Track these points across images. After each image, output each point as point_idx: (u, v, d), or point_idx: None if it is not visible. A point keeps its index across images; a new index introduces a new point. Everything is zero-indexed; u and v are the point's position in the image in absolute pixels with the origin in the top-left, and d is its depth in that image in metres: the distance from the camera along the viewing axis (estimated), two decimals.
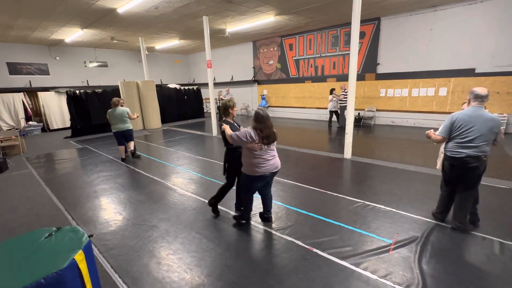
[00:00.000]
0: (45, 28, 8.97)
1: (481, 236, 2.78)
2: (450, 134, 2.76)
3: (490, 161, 2.72)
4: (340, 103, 9.42)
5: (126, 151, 6.20)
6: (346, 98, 9.39)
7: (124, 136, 5.99)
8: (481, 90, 2.66)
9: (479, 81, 7.65)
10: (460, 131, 2.67)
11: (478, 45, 7.56)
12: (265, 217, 3.21)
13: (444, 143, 2.91)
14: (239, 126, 3.16)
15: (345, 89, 9.28)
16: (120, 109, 5.78)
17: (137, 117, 6.00)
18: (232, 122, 3.13)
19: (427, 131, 3.02)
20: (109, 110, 5.77)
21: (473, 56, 7.70)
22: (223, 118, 3.15)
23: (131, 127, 6.05)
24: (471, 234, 2.82)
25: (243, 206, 3.15)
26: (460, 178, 2.79)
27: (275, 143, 2.88)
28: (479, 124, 2.59)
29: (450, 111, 8.32)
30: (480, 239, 2.74)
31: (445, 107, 8.42)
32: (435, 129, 3.00)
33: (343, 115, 9.57)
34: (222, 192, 3.33)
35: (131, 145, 6.21)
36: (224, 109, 3.09)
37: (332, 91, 9.66)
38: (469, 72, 7.83)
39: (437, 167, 3.35)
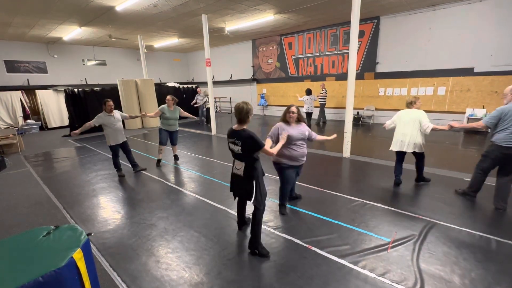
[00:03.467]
0: (43, 26, 8.92)
1: (479, 234, 2.80)
2: (496, 124, 3.18)
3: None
4: (320, 101, 9.64)
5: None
6: (325, 97, 9.57)
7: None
8: None
9: (478, 81, 7.67)
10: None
11: (477, 44, 7.57)
12: (293, 196, 3.68)
13: (492, 134, 3.30)
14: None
15: (324, 89, 9.47)
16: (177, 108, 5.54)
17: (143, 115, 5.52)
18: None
19: (451, 123, 3.59)
20: (165, 107, 5.38)
21: (472, 55, 7.71)
22: (243, 127, 2.43)
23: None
24: (468, 232, 2.84)
25: (284, 196, 3.37)
26: (507, 165, 3.23)
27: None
28: None
29: (449, 111, 8.36)
30: (477, 237, 2.76)
31: (444, 106, 8.44)
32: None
33: (322, 111, 9.93)
34: (259, 225, 2.57)
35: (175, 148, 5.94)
36: (247, 114, 2.40)
37: (309, 91, 8.96)
38: (468, 72, 7.84)
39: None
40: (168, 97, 5.43)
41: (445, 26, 7.96)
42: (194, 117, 6.38)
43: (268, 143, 2.93)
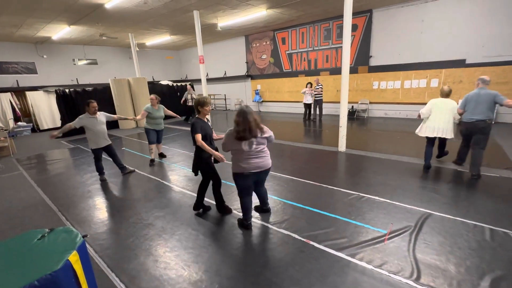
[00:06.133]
0: (30, 26, 8.71)
1: (473, 223, 2.85)
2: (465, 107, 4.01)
3: None
4: (315, 97, 9.50)
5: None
6: (321, 92, 9.49)
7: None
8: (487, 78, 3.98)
9: (470, 72, 7.75)
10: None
11: (469, 36, 7.63)
12: (263, 209, 3.27)
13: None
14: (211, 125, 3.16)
15: (319, 83, 9.39)
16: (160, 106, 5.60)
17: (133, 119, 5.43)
18: (205, 120, 3.12)
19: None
20: (149, 106, 5.40)
21: (463, 47, 7.77)
22: (196, 116, 3.12)
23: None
24: (462, 222, 2.88)
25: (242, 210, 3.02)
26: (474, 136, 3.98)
27: (264, 143, 2.78)
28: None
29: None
30: (471, 226, 2.80)
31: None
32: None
33: (320, 107, 9.79)
34: (199, 192, 3.35)
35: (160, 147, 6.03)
36: (197, 106, 3.06)
37: (309, 84, 9.52)
38: (460, 63, 7.91)
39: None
40: (152, 96, 5.48)
41: (437, 18, 8.00)
42: (178, 116, 6.42)
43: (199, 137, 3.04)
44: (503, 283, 2.05)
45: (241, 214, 3.08)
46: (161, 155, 6.04)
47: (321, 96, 9.59)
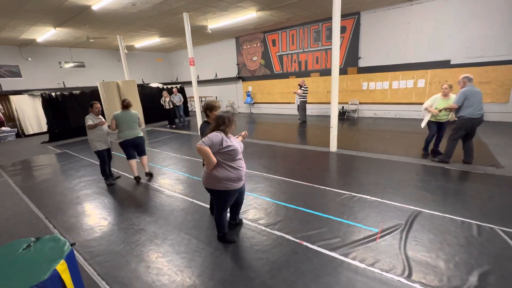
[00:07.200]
0: (13, 28, 8.45)
1: (460, 220, 2.92)
2: (463, 103, 4.22)
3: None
4: (300, 98, 9.56)
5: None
6: (305, 93, 9.54)
7: (135, 146, 4.69)
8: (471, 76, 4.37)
9: (454, 72, 7.98)
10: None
11: (453, 38, 7.87)
12: (236, 223, 3.06)
13: (458, 111, 4.35)
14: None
15: (304, 85, 9.42)
16: (133, 112, 4.63)
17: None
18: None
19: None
20: (118, 113, 4.52)
21: (448, 48, 8.01)
22: (205, 120, 3.05)
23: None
24: (451, 218, 2.96)
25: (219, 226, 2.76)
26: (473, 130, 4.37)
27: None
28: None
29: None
30: (459, 222, 2.88)
31: (424, 98, 8.71)
32: (417, 120, 3.25)
33: (303, 109, 9.80)
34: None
35: (145, 161, 4.87)
36: (205, 110, 3.00)
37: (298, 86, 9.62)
38: (445, 64, 8.15)
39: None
40: (127, 100, 4.69)
41: (422, 21, 8.22)
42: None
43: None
44: (490, 277, 2.11)
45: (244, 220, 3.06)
46: (148, 175, 4.93)
47: (305, 98, 9.61)
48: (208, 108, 2.98)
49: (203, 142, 2.30)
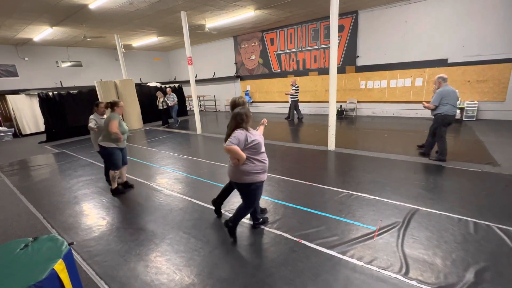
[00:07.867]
0: (10, 27, 8.39)
1: (457, 217, 2.95)
2: (440, 102, 4.53)
3: (463, 146, 2.91)
4: (291, 98, 9.59)
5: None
6: (297, 92, 9.62)
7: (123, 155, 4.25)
8: (446, 75, 4.68)
9: (452, 71, 8.01)
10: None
11: (450, 36, 7.90)
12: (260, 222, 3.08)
13: (435, 110, 4.63)
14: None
15: (295, 84, 9.49)
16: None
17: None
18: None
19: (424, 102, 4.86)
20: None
21: (445, 47, 8.03)
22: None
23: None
24: (447, 216, 2.98)
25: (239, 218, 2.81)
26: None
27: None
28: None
29: (427, 100, 8.67)
30: (456, 220, 2.90)
31: (422, 96, 8.76)
32: (415, 119, 3.27)
33: (293, 109, 9.92)
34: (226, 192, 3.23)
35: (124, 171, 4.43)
36: (233, 107, 2.92)
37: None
38: (442, 62, 8.18)
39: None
40: (121, 103, 4.10)
41: (420, 19, 8.24)
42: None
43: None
44: (486, 274, 2.13)
45: (228, 214, 3.06)
46: (126, 185, 4.39)
47: (296, 97, 9.70)
48: (236, 105, 2.98)
49: (230, 141, 2.39)
